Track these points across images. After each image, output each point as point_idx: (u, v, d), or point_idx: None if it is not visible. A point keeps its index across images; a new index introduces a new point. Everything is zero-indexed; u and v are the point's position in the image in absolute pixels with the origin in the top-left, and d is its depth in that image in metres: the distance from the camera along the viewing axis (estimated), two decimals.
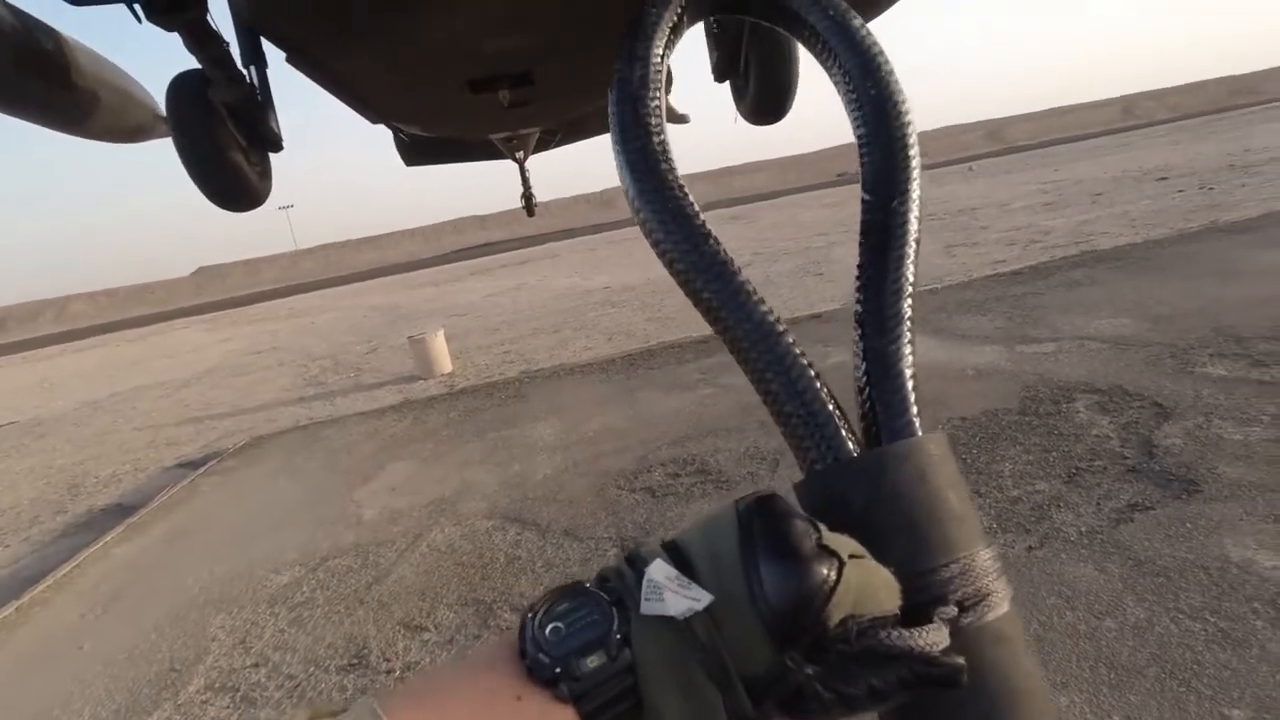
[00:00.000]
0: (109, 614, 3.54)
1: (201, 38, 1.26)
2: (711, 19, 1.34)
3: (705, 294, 0.47)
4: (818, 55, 0.55)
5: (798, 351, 0.45)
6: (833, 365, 4.40)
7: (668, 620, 0.34)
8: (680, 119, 3.11)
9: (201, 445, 6.97)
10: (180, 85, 1.46)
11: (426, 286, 24.00)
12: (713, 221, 0.50)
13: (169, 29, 1.18)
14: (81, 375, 16.02)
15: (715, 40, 1.89)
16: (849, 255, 11.40)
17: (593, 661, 0.33)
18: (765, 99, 1.94)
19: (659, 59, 0.51)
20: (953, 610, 0.39)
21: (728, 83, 2.12)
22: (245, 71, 1.43)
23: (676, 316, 8.91)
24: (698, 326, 7.83)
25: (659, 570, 0.35)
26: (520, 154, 3.65)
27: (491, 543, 3.48)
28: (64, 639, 3.35)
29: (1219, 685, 1.86)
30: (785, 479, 3.55)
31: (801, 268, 11.54)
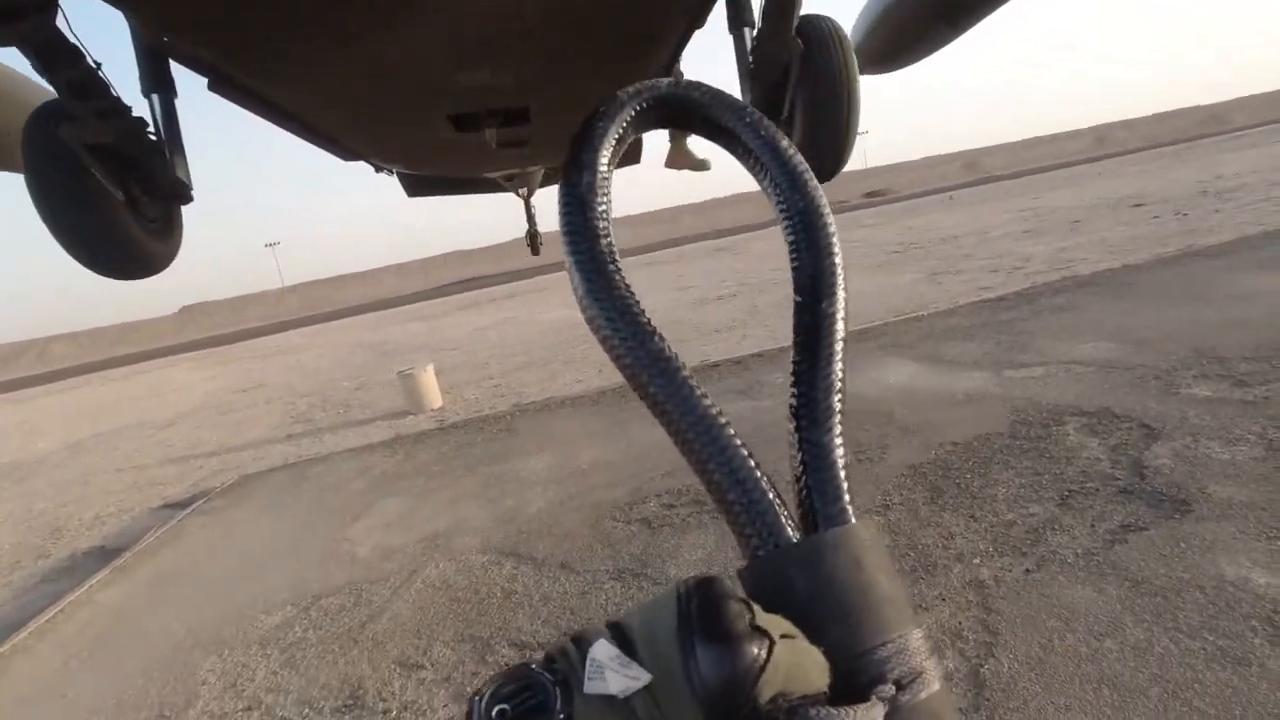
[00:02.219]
0: (94, 660, 3.45)
1: (50, 56, 0.98)
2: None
3: (651, 389, 0.49)
4: (751, 170, 0.60)
5: (739, 443, 0.47)
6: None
7: (609, 699, 0.35)
8: (700, 165, 3.00)
9: (188, 485, 6.87)
10: (34, 121, 1.16)
11: (414, 322, 23.97)
12: (700, 253, 0.53)
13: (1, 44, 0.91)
14: (63, 416, 15.80)
15: (752, 73, 1.68)
16: None
17: None
18: (815, 150, 1.70)
19: (605, 167, 0.55)
20: (890, 689, 0.40)
21: None
22: (147, 100, 1.18)
23: None
24: (686, 358, 7.86)
25: (601, 650, 0.36)
26: (524, 190, 3.54)
27: (487, 577, 3.44)
28: (48, 687, 3.26)
29: (1221, 703, 1.87)
30: None
31: (788, 297, 11.62)
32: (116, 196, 1.20)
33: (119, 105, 1.14)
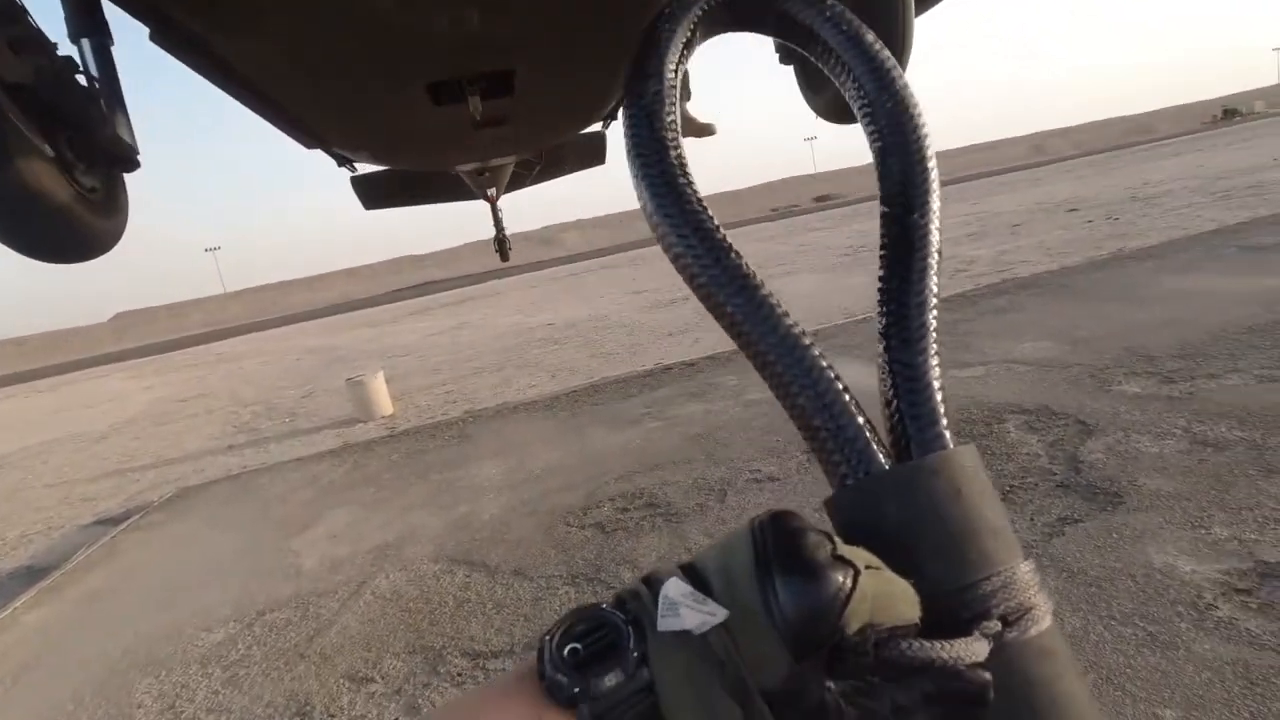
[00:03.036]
0: (19, 686, 3.27)
1: None
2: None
3: (729, 308, 0.46)
4: (831, 70, 0.56)
5: (824, 364, 0.45)
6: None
7: (685, 637, 0.33)
8: (705, 130, 2.75)
9: (122, 500, 6.59)
10: None
11: (364, 327, 23.48)
12: (655, 257, 0.51)
13: None
14: None
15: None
16: (792, 286, 11.71)
17: (610, 680, 0.33)
18: None
19: (673, 74, 0.51)
20: (997, 625, 0.38)
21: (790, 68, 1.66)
22: (76, 46, 1.01)
23: (619, 352, 8.95)
24: (640, 362, 7.88)
25: (674, 588, 0.35)
26: (492, 192, 3.39)
27: (439, 586, 3.38)
28: None
29: (1150, 687, 1.95)
30: (733, 507, 3.59)
31: None
32: (44, 151, 0.98)
33: (40, 36, 0.96)
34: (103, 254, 1.20)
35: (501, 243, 5.45)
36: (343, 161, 2.09)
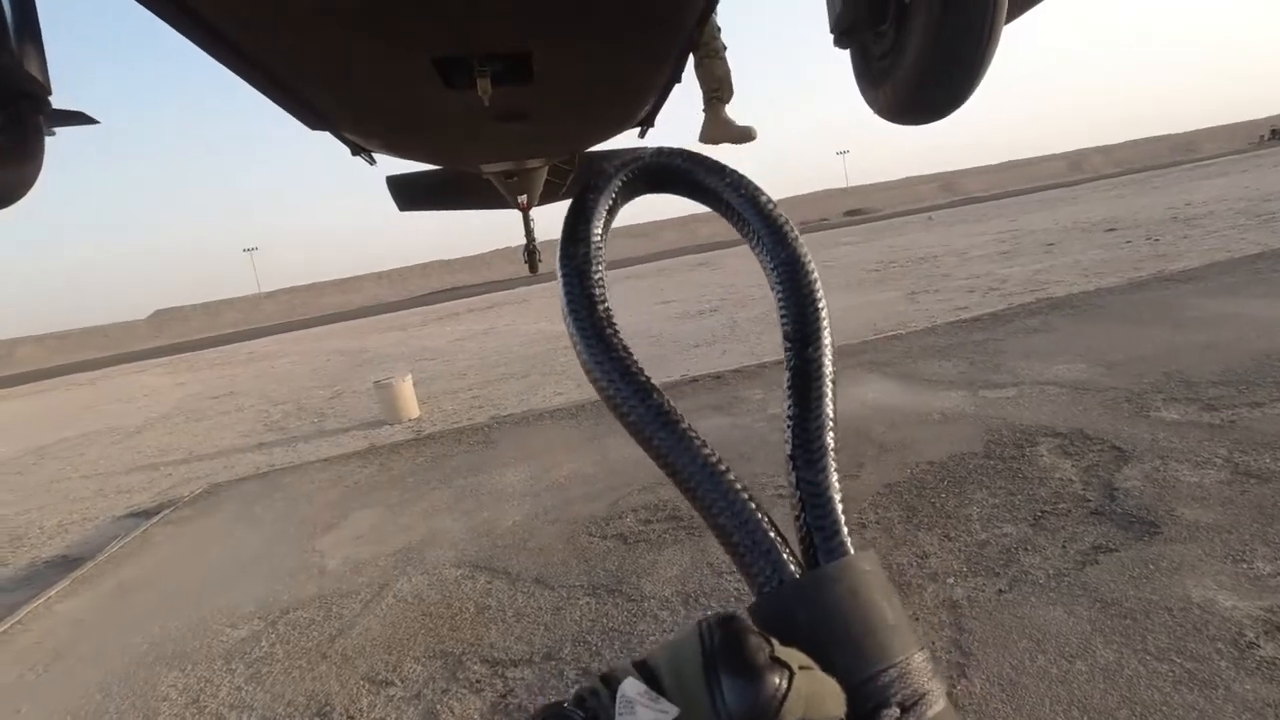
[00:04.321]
0: (50, 674, 3.35)
1: None
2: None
3: (654, 441, 0.52)
4: (736, 227, 0.64)
5: (739, 487, 0.50)
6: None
7: None
8: (745, 135, 2.68)
9: (155, 494, 6.73)
10: None
11: (392, 331, 23.77)
12: (681, 267, 0.56)
13: None
14: (28, 420, 15.43)
15: None
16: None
17: None
18: (935, 72, 1.24)
19: (600, 237, 0.60)
20: (895, 712, 0.42)
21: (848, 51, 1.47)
22: None
23: (645, 363, 8.93)
24: (666, 372, 7.87)
25: (630, 686, 0.38)
26: (523, 198, 3.42)
27: (460, 592, 3.39)
28: (0, 702, 3.16)
29: None
30: None
31: (767, 313, 11.71)
32: None
33: None
34: (10, 204, 1.10)
35: (532, 254, 5.46)
36: (357, 150, 2.02)
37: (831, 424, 0.55)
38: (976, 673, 2.23)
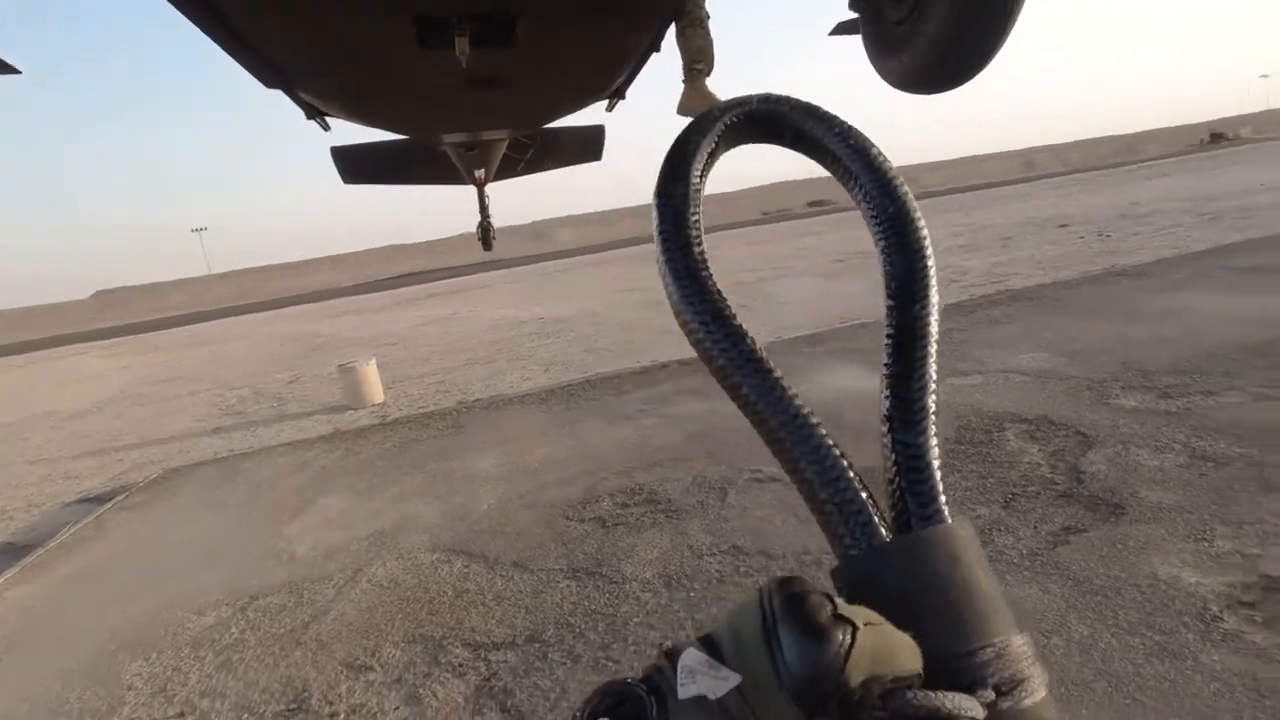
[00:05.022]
0: (3, 664, 3.21)
1: None
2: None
3: (744, 389, 0.51)
4: (840, 179, 0.62)
5: (830, 442, 0.48)
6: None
7: (702, 702, 0.36)
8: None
9: (106, 479, 6.48)
10: None
11: (350, 315, 23.27)
12: (649, 259, 0.55)
13: None
14: None
15: None
16: (781, 290, 11.74)
17: None
18: (959, 38, 1.20)
19: (698, 179, 0.58)
20: (990, 695, 0.39)
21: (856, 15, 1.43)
22: None
23: (613, 348, 8.93)
24: (635, 358, 7.86)
25: (691, 657, 0.38)
26: (480, 173, 3.33)
27: (437, 576, 3.35)
28: None
29: (1161, 696, 1.97)
30: (734, 506, 3.58)
31: (739, 305, 11.77)
32: None
33: None
34: None
35: (486, 230, 5.33)
36: (312, 113, 1.88)
37: (935, 387, 0.53)
38: None
